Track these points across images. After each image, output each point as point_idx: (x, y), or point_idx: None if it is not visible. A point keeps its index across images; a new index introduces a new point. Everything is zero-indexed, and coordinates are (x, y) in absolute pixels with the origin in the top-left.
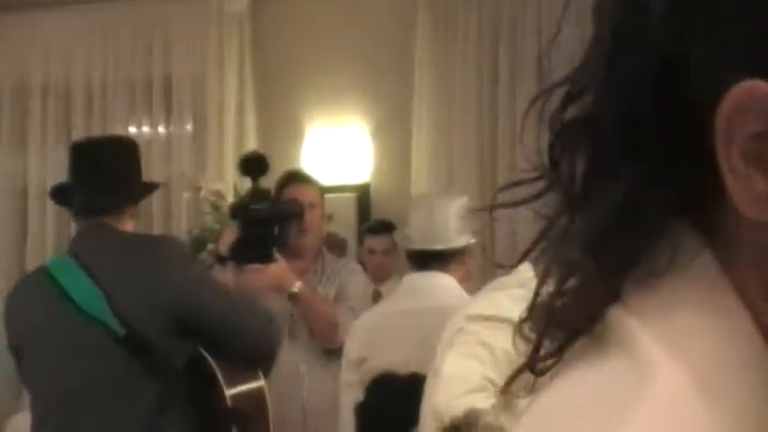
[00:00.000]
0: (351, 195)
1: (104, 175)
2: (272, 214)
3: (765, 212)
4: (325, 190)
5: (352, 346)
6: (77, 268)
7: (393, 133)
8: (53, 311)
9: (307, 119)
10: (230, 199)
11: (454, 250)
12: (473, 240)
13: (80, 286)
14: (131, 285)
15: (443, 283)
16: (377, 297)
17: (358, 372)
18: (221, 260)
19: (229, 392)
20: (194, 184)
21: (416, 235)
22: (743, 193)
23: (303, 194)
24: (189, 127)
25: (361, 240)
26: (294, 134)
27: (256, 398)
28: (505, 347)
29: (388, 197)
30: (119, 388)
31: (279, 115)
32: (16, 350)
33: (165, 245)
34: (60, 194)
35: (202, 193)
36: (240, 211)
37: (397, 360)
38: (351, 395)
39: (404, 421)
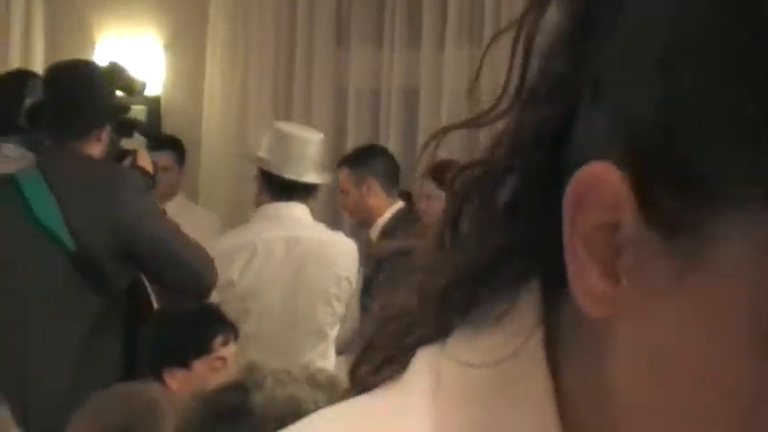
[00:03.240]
0: (141, 108)
1: (70, 100)
2: None
3: (595, 309)
4: None
5: (219, 267)
6: (42, 182)
7: (187, 47)
8: (10, 216)
9: (97, 28)
10: None
11: (316, 185)
12: (328, 179)
13: (41, 199)
14: (87, 206)
15: (306, 215)
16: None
17: (221, 294)
18: None
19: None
20: None
21: (281, 164)
22: (577, 284)
23: None
24: None
25: None
26: (84, 44)
27: None
28: None
29: (179, 111)
30: (60, 302)
31: (68, 24)
32: None
33: (122, 174)
34: (33, 115)
35: None
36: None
37: (269, 288)
38: None
39: None
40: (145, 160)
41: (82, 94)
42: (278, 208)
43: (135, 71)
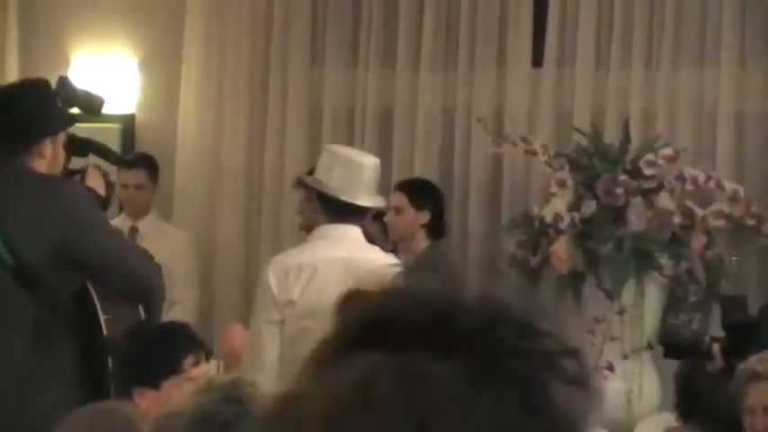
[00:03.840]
0: (115, 126)
1: (6, 116)
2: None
3: None
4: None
5: (277, 287)
6: None
7: (162, 65)
8: None
9: (72, 46)
10: None
11: (369, 208)
12: (382, 203)
13: None
14: (27, 220)
15: (360, 236)
16: (134, 233)
17: (282, 312)
18: None
19: (105, 318)
20: None
21: (340, 187)
22: None
23: None
24: None
25: None
26: (58, 61)
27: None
28: None
29: (153, 130)
30: (3, 316)
31: (41, 43)
32: None
33: (59, 185)
34: None
35: None
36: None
37: (327, 307)
38: (271, 332)
39: None
40: (95, 179)
41: (17, 110)
42: (335, 229)
43: (108, 89)
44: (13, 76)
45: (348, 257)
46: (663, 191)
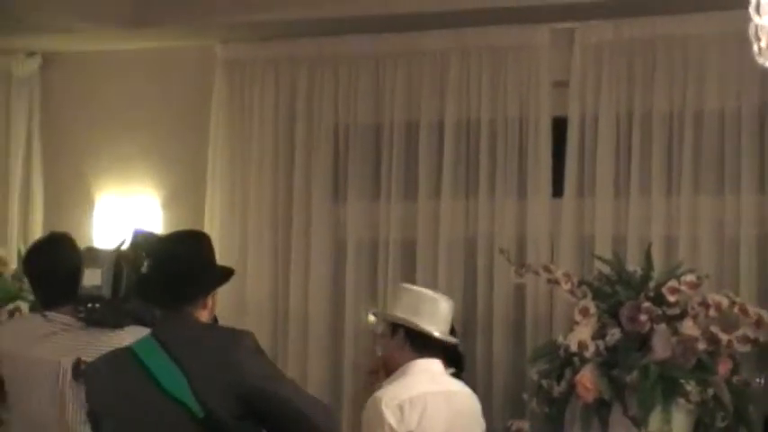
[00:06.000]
0: None
1: (180, 270)
2: None
3: None
4: None
5: (396, 422)
6: (161, 351)
7: (185, 204)
8: (136, 387)
9: (96, 186)
10: (13, 266)
11: (448, 342)
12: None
13: (163, 367)
14: (210, 372)
15: (443, 369)
16: None
17: None
18: None
19: None
20: None
21: (433, 324)
22: None
23: None
24: None
25: None
26: (83, 201)
27: None
28: None
29: None
30: None
31: (67, 182)
32: (95, 417)
33: (238, 337)
34: (141, 287)
35: None
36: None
37: None
38: None
39: None
40: None
41: (191, 263)
42: (430, 364)
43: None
44: (38, 215)
45: (447, 391)
46: (687, 317)
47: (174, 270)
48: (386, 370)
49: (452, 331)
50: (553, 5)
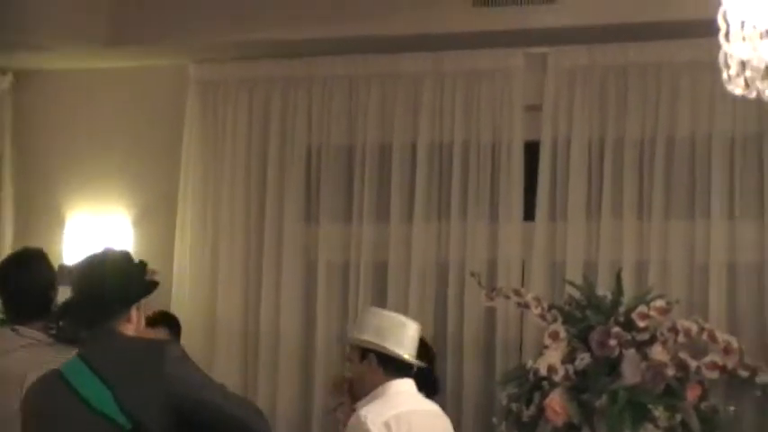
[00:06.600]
0: None
1: (98, 286)
2: None
3: None
4: None
5: None
6: (86, 368)
7: (156, 222)
8: (64, 407)
9: (67, 205)
10: None
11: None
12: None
13: (90, 385)
14: (137, 384)
15: (415, 389)
16: None
17: None
18: None
19: None
20: None
21: (397, 347)
22: None
23: None
24: None
25: None
26: (54, 220)
27: None
28: None
29: None
30: None
31: (38, 200)
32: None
33: (163, 347)
34: (65, 311)
35: None
36: None
37: None
38: None
39: None
40: None
41: (110, 279)
42: (406, 384)
43: (102, 246)
44: (8, 235)
45: (429, 410)
46: (656, 342)
47: (92, 287)
48: (352, 392)
49: (421, 353)
50: (527, 30)
